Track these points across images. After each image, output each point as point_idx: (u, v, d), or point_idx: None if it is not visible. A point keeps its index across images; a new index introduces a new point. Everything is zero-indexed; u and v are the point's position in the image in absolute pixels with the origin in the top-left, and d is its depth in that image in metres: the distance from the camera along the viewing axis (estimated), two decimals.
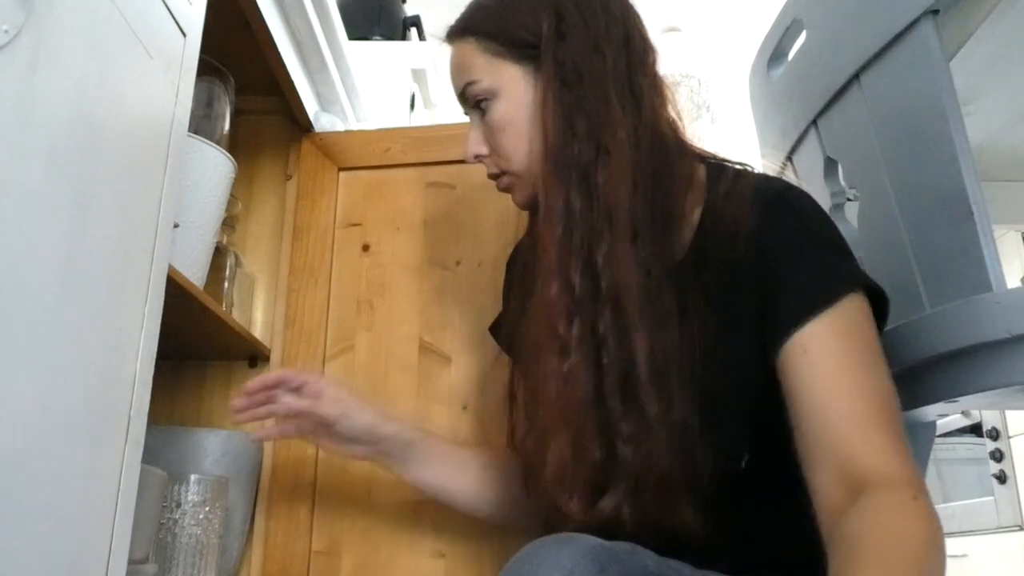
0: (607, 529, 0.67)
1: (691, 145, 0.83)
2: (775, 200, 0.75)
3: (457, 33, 0.86)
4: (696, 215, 0.79)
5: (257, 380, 0.90)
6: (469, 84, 0.83)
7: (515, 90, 0.81)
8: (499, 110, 0.82)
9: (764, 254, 0.72)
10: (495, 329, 1.00)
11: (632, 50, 0.81)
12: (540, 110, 0.80)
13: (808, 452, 0.67)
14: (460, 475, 0.94)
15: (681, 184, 0.79)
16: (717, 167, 0.82)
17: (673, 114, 0.82)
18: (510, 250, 1.00)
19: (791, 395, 0.69)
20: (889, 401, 0.68)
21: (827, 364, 0.67)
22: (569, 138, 0.77)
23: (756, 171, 0.83)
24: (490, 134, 0.84)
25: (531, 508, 0.84)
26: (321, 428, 0.91)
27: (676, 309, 0.73)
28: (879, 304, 0.74)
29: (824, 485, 0.65)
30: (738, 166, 0.83)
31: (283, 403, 0.89)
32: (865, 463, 0.64)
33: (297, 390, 0.90)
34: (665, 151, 0.79)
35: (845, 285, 0.70)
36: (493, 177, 0.87)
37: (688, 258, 0.77)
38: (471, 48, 0.83)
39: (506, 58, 0.82)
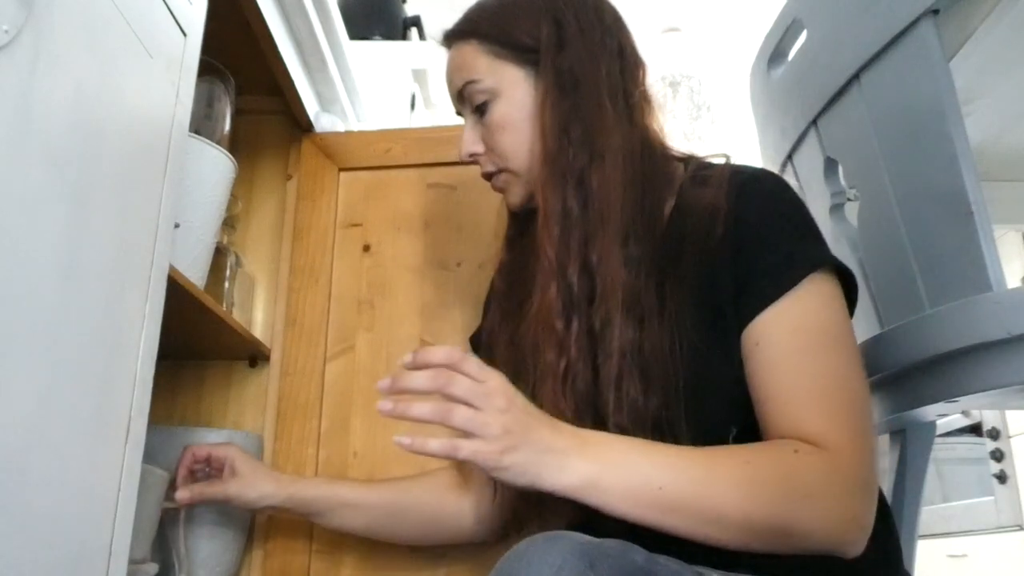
0: (597, 526, 0.67)
1: (673, 150, 0.87)
2: (748, 181, 0.78)
3: (458, 35, 0.88)
4: (669, 206, 0.82)
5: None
6: (469, 83, 0.85)
7: (515, 91, 0.84)
8: (499, 110, 0.85)
9: (736, 236, 0.75)
10: (475, 341, 0.99)
11: (625, 61, 0.85)
12: (539, 114, 0.83)
13: (766, 433, 0.72)
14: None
15: (665, 188, 0.83)
16: (690, 161, 0.87)
17: (660, 123, 0.86)
18: None
19: (749, 382, 0.73)
20: (842, 381, 0.71)
21: (775, 354, 0.71)
22: (564, 144, 0.80)
23: (730, 161, 0.87)
24: (488, 134, 0.86)
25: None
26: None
27: (657, 303, 0.76)
28: (849, 285, 0.76)
29: None
30: (712, 159, 0.86)
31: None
32: (808, 431, 0.68)
33: (206, 461, 0.96)
34: (653, 158, 0.83)
35: (802, 269, 0.72)
36: (488, 176, 0.89)
37: (662, 248, 0.79)
38: (473, 49, 0.86)
39: (508, 60, 0.85)
